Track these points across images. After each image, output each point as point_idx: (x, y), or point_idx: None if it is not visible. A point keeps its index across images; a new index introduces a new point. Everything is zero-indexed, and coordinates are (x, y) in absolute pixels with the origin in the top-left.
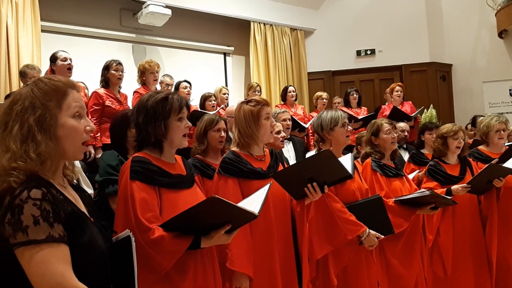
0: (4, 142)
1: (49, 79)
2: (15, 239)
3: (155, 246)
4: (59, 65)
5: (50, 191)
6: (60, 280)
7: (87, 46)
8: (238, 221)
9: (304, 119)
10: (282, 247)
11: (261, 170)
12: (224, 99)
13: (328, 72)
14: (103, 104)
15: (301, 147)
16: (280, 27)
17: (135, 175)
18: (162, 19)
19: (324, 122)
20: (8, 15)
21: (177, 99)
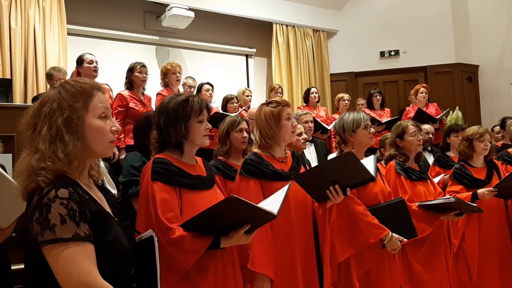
0: (34, 143)
1: (75, 81)
2: (42, 237)
3: (176, 246)
4: (85, 67)
5: (76, 191)
6: (85, 278)
7: (111, 48)
8: (257, 221)
9: (326, 121)
10: (303, 249)
11: (282, 172)
12: (247, 101)
13: (351, 74)
14: (127, 106)
15: (323, 149)
16: (302, 28)
17: (156, 175)
18: (185, 22)
19: (346, 124)
20: (36, 19)
21: (198, 101)
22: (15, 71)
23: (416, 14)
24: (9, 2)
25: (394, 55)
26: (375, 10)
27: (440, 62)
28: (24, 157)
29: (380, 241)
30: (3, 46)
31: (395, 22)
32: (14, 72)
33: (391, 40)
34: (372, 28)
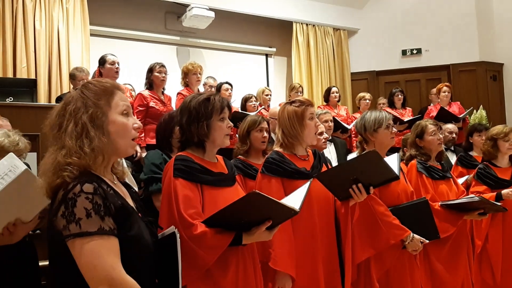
0: (60, 140)
1: (97, 81)
2: (68, 230)
3: (198, 242)
4: (107, 68)
5: (101, 186)
6: (109, 271)
7: (133, 49)
8: (279, 217)
9: (347, 120)
10: (325, 248)
11: (304, 170)
12: (267, 100)
13: (372, 72)
14: (147, 105)
15: (343, 149)
16: (323, 27)
17: (178, 172)
18: (205, 22)
19: (368, 123)
20: (60, 20)
21: (219, 99)
22: (40, 71)
23: (439, 12)
24: (33, 4)
25: (416, 53)
26: (397, 8)
27: (464, 61)
28: (51, 153)
29: (401, 241)
30: (28, 47)
31: (417, 20)
32: (39, 73)
33: (413, 38)
34: (393, 26)
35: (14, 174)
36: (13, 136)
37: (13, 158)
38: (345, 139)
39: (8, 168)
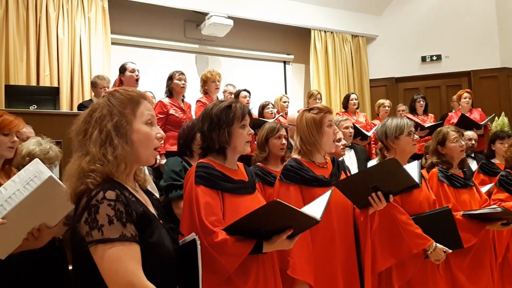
0: (84, 147)
1: (124, 90)
2: (91, 237)
3: (219, 249)
4: (127, 76)
5: (123, 193)
6: (131, 278)
7: (153, 57)
8: (300, 226)
9: (366, 127)
10: (344, 256)
11: (323, 178)
12: (285, 107)
13: (391, 79)
14: (167, 112)
15: (363, 155)
16: (341, 34)
17: (200, 179)
18: (224, 30)
19: (389, 130)
20: (82, 29)
21: (240, 107)
22: (62, 79)
23: (459, 17)
24: (57, 13)
25: (436, 59)
26: (416, 14)
27: (485, 67)
28: (75, 159)
29: (423, 251)
30: (51, 56)
31: (437, 26)
32: (61, 81)
33: (433, 44)
34: (413, 33)
35: (39, 180)
36: (45, 145)
37: (38, 164)
38: (365, 146)
39: (34, 174)
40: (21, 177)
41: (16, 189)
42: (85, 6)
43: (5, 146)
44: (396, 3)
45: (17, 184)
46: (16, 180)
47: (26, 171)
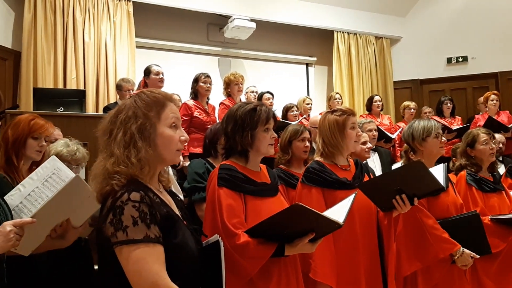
0: (109, 148)
1: (150, 91)
2: (116, 238)
3: (241, 251)
4: (152, 78)
5: (147, 194)
6: (155, 279)
7: (177, 60)
8: (322, 230)
9: (390, 129)
10: (367, 260)
11: (346, 180)
12: (307, 109)
13: (416, 81)
14: (191, 115)
15: (387, 158)
16: (364, 35)
17: (222, 182)
18: (246, 33)
19: (416, 132)
20: (107, 33)
21: (265, 110)
22: (88, 82)
23: (486, 18)
24: (83, 17)
25: (462, 61)
26: (441, 15)
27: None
28: (100, 160)
29: (450, 256)
30: (78, 59)
31: (463, 27)
32: (87, 83)
33: (459, 45)
34: (438, 34)
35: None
36: (72, 146)
37: (55, 161)
38: (389, 148)
39: (51, 171)
40: (39, 174)
41: (35, 186)
42: (110, 10)
43: (33, 149)
44: (421, 4)
45: (36, 182)
46: (34, 178)
47: (43, 168)
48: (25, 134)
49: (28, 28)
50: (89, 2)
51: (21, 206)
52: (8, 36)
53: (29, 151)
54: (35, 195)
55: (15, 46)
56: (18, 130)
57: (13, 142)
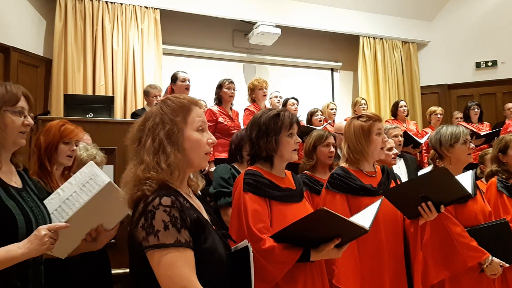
0: (139, 155)
1: (175, 97)
2: (147, 242)
3: (266, 256)
4: (178, 84)
5: (178, 199)
6: (185, 283)
7: (202, 66)
8: (348, 235)
9: (416, 135)
10: (392, 268)
11: (371, 187)
12: (332, 114)
13: (444, 86)
14: (216, 120)
15: (414, 164)
16: (391, 40)
17: (248, 187)
18: (271, 39)
19: (444, 138)
20: (135, 40)
21: (289, 115)
22: (116, 88)
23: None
24: (112, 25)
25: (491, 65)
26: (470, 19)
27: None
28: (131, 167)
29: (479, 265)
30: (106, 66)
31: (492, 31)
32: (116, 90)
33: (488, 50)
34: (467, 38)
35: (96, 183)
36: (91, 150)
37: (93, 167)
38: (415, 155)
39: (89, 176)
40: (77, 179)
41: (73, 191)
42: (138, 18)
43: (64, 154)
44: (449, 8)
45: (74, 186)
46: (72, 182)
47: (81, 174)
48: (57, 140)
49: (59, 36)
50: (118, 10)
51: (59, 210)
52: (39, 44)
53: (61, 156)
54: (72, 199)
55: (46, 54)
56: (50, 136)
57: (46, 147)
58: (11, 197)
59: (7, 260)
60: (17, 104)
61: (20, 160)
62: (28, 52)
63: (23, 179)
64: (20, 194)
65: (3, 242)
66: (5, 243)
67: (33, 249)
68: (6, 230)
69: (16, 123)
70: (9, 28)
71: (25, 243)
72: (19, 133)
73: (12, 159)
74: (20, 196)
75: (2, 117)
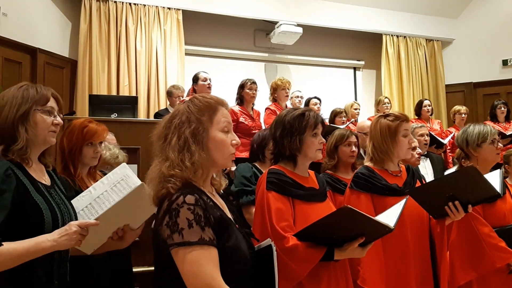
0: (164, 152)
1: (203, 96)
2: (172, 239)
3: (290, 255)
4: (200, 84)
5: (202, 197)
6: (209, 281)
7: (224, 66)
8: (372, 234)
9: (441, 135)
10: (418, 268)
11: (396, 187)
12: (355, 114)
13: (469, 84)
14: (237, 120)
15: (440, 164)
16: (414, 38)
17: (271, 185)
18: (293, 38)
19: (470, 137)
20: (158, 41)
21: (313, 115)
22: (140, 89)
23: None
24: (135, 26)
25: None
26: (496, 15)
27: None
28: (156, 164)
29: (507, 266)
30: (130, 67)
31: None
32: (139, 90)
33: None
34: (493, 35)
35: (127, 184)
36: (113, 150)
37: (125, 169)
38: (440, 154)
39: (121, 177)
40: (109, 179)
41: (104, 190)
42: (161, 19)
43: (89, 156)
44: (474, 5)
45: (105, 186)
46: (104, 182)
47: (114, 174)
48: (80, 143)
49: (83, 38)
50: (141, 12)
51: (90, 207)
52: (65, 46)
53: (86, 158)
54: (103, 198)
55: (71, 55)
56: (73, 139)
57: (69, 151)
58: (39, 193)
59: (37, 251)
60: (47, 103)
61: (50, 161)
62: (54, 53)
63: (51, 177)
64: (48, 191)
65: (29, 236)
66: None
67: (62, 242)
68: (33, 224)
69: (46, 122)
70: (36, 31)
71: (54, 236)
72: (49, 132)
73: (42, 159)
74: (48, 193)
75: (32, 116)
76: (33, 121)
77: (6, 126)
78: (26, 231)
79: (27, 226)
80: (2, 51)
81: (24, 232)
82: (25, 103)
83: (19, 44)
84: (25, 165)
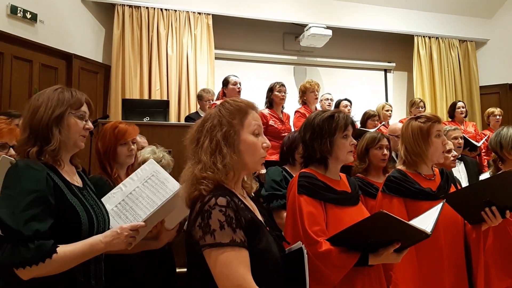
0: (197, 155)
1: (233, 100)
2: (204, 241)
3: (323, 259)
4: (230, 88)
5: (233, 199)
6: (241, 282)
7: (253, 69)
8: (408, 239)
9: (475, 137)
10: (453, 276)
11: (430, 191)
12: (387, 116)
13: (505, 86)
14: (267, 123)
15: (475, 168)
16: (447, 39)
17: (302, 189)
18: (322, 40)
19: (504, 140)
20: (189, 46)
21: (343, 117)
22: (171, 93)
23: None
24: (166, 32)
25: None
26: None
27: None
28: (189, 167)
29: None
30: (161, 71)
31: None
32: (170, 94)
33: None
34: None
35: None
36: (158, 153)
37: (154, 164)
38: (475, 157)
39: (151, 173)
40: (138, 175)
41: (135, 186)
42: (191, 24)
43: (124, 155)
44: (510, 5)
45: (136, 182)
46: (134, 178)
47: (143, 170)
48: (113, 143)
49: (117, 44)
50: (172, 17)
51: (123, 203)
52: (99, 51)
53: (121, 158)
54: (136, 194)
55: (105, 60)
56: (106, 140)
57: (104, 152)
58: (74, 195)
59: (91, 252)
60: (81, 108)
61: (79, 162)
62: (89, 59)
63: (82, 179)
64: (82, 192)
65: (67, 238)
66: (69, 238)
67: (114, 244)
68: (70, 226)
69: (78, 126)
70: (71, 37)
71: (107, 238)
72: (80, 136)
73: (72, 161)
74: (82, 194)
75: (67, 119)
76: (67, 124)
77: (40, 126)
78: (65, 234)
79: (66, 229)
80: (39, 57)
81: (63, 235)
82: (60, 106)
83: (55, 50)
84: (57, 167)
